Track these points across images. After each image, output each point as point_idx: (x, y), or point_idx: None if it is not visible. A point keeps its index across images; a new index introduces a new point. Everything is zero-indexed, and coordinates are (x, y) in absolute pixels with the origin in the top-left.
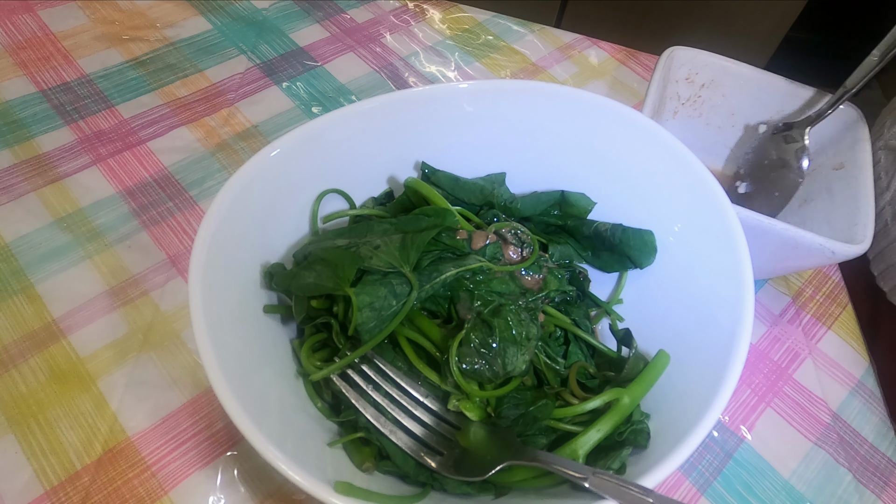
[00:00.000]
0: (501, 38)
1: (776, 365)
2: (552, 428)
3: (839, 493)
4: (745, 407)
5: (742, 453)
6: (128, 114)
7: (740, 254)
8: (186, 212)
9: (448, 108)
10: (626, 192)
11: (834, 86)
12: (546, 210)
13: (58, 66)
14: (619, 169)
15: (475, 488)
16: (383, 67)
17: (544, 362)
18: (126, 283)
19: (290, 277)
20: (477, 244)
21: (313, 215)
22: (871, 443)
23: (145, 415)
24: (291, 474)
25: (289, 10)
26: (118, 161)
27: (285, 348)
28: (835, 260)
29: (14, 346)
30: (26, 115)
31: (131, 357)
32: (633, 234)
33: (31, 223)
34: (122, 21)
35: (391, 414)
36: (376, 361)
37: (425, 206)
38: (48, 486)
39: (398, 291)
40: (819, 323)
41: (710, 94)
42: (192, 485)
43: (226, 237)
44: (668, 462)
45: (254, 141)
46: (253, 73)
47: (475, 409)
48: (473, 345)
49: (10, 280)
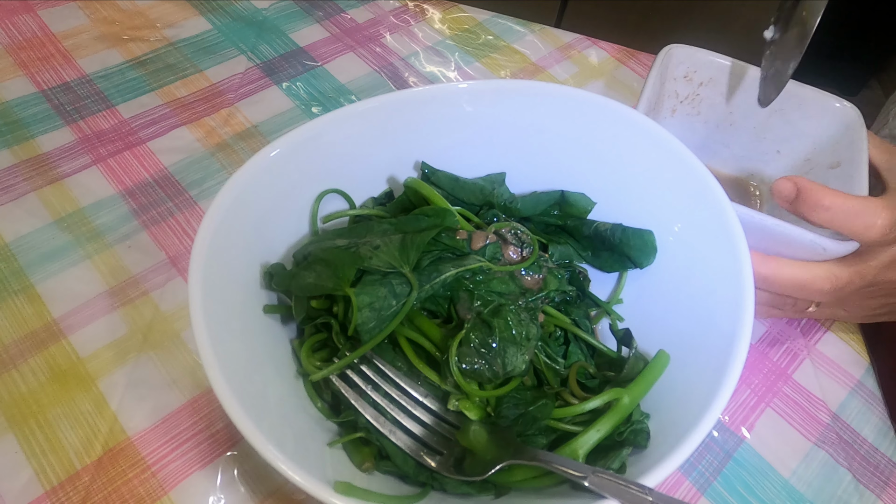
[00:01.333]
0: (501, 38)
1: (776, 365)
2: (552, 428)
3: (839, 493)
4: (744, 407)
5: (742, 453)
6: (128, 114)
7: (740, 254)
8: (186, 212)
9: (448, 108)
10: (626, 192)
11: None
12: (546, 210)
13: (58, 66)
14: (619, 169)
15: (475, 488)
16: (383, 67)
17: (544, 362)
18: (126, 283)
19: (290, 277)
20: (477, 244)
21: (313, 215)
22: (871, 443)
23: (145, 415)
24: (291, 474)
25: (289, 10)
26: (118, 161)
27: (285, 348)
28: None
29: (14, 346)
30: (26, 115)
31: (131, 357)
32: (633, 234)
33: (31, 223)
34: (122, 21)
35: (391, 414)
36: (376, 362)
37: (425, 206)
38: (48, 486)
39: (398, 291)
40: (818, 323)
41: (708, 92)
42: (192, 485)
43: (226, 237)
44: (668, 462)
45: (254, 141)
46: (253, 73)
47: (475, 408)
48: (473, 345)
49: (10, 280)
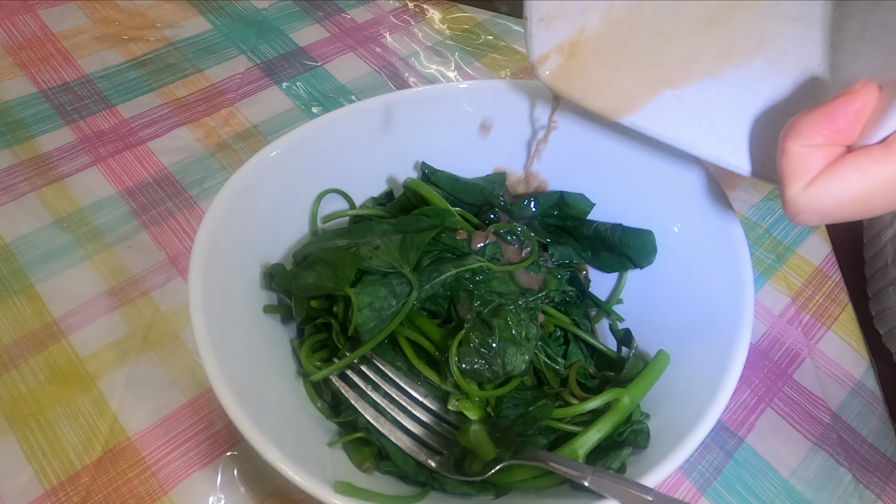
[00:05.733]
0: (501, 38)
1: (776, 365)
2: (552, 428)
3: (839, 493)
4: (745, 407)
5: (742, 453)
6: (128, 114)
7: (740, 254)
8: (186, 212)
9: (448, 108)
10: (626, 192)
11: None
12: (546, 210)
13: (58, 66)
14: (619, 169)
15: (475, 488)
16: (383, 67)
17: (544, 362)
18: (126, 283)
19: (290, 277)
20: (476, 244)
21: (313, 215)
22: (871, 443)
23: (145, 415)
24: (291, 474)
25: (289, 10)
26: (118, 161)
27: (285, 348)
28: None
29: (14, 346)
30: (26, 115)
31: (131, 357)
32: (633, 234)
33: (31, 223)
34: (122, 21)
35: (391, 414)
36: (376, 362)
37: (425, 206)
38: (48, 486)
39: (398, 291)
40: (819, 323)
41: None
42: (192, 485)
43: (226, 237)
44: (668, 462)
45: (254, 141)
46: (253, 73)
47: (475, 408)
48: (473, 345)
49: (10, 280)
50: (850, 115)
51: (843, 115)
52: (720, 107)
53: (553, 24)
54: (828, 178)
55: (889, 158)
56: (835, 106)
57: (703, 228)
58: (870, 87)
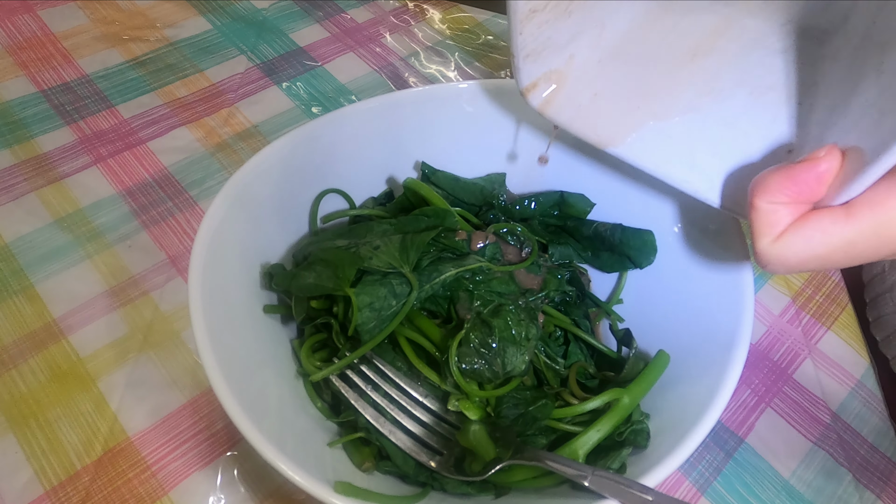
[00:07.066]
0: (501, 39)
1: (776, 365)
2: (552, 428)
3: (839, 493)
4: (744, 407)
5: (742, 453)
6: (128, 114)
7: (740, 254)
8: (186, 212)
9: (448, 108)
10: (626, 192)
11: None
12: (546, 210)
13: (58, 66)
14: (619, 168)
15: (475, 488)
16: (383, 67)
17: (544, 362)
18: (126, 283)
19: (290, 278)
20: (476, 244)
21: (313, 215)
22: (871, 443)
23: (145, 415)
24: (291, 474)
25: (289, 10)
26: (118, 161)
27: (285, 348)
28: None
29: (14, 346)
30: (26, 115)
31: (131, 357)
32: (633, 234)
33: (31, 223)
34: (122, 21)
35: (391, 414)
36: (376, 362)
37: (425, 206)
38: (48, 486)
39: (398, 291)
40: (819, 323)
41: None
42: (192, 485)
43: (226, 237)
44: (668, 462)
45: (254, 141)
46: (253, 73)
47: (475, 408)
48: (473, 345)
49: (10, 280)
50: (812, 180)
51: (804, 180)
52: (701, 140)
53: (540, 56)
54: (792, 236)
55: (849, 221)
56: (798, 170)
57: (703, 228)
58: (833, 154)
